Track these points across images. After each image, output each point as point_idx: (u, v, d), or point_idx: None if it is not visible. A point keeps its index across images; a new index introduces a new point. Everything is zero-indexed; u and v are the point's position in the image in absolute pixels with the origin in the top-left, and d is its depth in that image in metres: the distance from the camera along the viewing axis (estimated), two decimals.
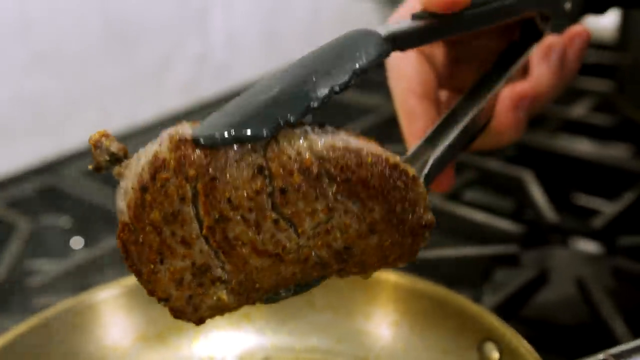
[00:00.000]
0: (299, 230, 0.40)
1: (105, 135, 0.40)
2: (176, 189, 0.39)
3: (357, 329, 0.59)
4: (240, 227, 0.39)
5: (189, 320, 0.43)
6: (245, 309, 0.60)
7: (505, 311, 0.62)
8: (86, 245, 0.85)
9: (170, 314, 0.43)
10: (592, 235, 0.77)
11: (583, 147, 0.92)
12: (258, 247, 0.40)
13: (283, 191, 0.39)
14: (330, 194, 0.39)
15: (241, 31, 1.15)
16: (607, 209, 0.80)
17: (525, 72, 0.59)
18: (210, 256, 0.40)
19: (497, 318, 0.53)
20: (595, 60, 1.09)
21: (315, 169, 0.39)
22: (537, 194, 0.81)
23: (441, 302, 0.56)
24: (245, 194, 0.39)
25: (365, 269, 0.42)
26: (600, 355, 0.48)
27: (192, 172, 0.38)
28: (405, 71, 0.57)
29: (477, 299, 0.65)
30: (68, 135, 0.97)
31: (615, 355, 0.48)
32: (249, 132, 0.38)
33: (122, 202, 0.40)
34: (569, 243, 0.77)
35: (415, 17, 0.47)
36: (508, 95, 0.57)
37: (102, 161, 0.40)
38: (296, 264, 0.41)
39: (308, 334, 0.60)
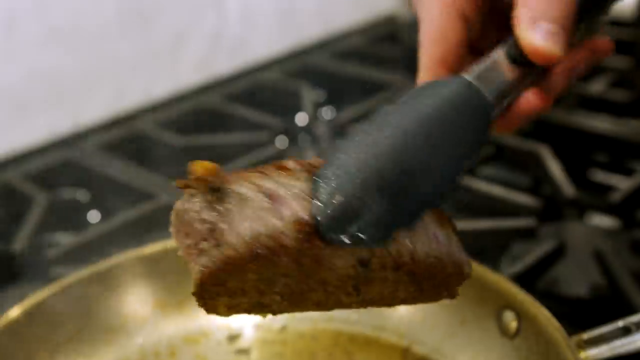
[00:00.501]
0: (360, 298, 0.43)
1: (213, 171, 0.39)
2: (285, 269, 0.40)
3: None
4: (318, 294, 0.42)
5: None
6: None
7: (522, 283, 0.62)
8: (103, 218, 0.85)
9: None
10: (609, 209, 0.76)
11: (601, 123, 0.91)
12: (320, 303, 0.43)
13: (370, 279, 0.42)
14: (403, 281, 0.43)
15: (256, 7, 1.15)
16: (625, 184, 0.80)
17: None
18: (276, 302, 0.42)
19: (515, 286, 0.53)
20: (614, 36, 1.08)
21: (405, 269, 0.42)
22: (555, 168, 0.80)
23: None
24: (337, 276, 0.41)
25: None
26: (620, 323, 0.48)
27: (307, 261, 0.40)
28: (437, 37, 0.53)
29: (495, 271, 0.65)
30: (84, 110, 0.97)
31: (636, 324, 0.48)
32: (373, 241, 0.40)
33: (209, 246, 0.39)
34: (586, 217, 0.77)
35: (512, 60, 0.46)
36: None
37: (193, 190, 0.39)
38: (337, 306, 0.44)
39: None
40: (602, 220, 0.76)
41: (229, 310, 0.42)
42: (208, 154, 0.91)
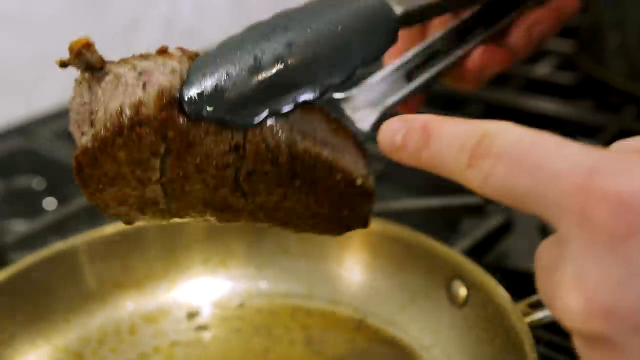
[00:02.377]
0: (250, 200, 0.42)
1: (87, 45, 0.39)
2: (151, 144, 0.39)
3: (331, 273, 0.61)
4: (198, 185, 0.41)
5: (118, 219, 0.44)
6: (222, 256, 0.63)
7: (471, 258, 0.64)
8: (59, 206, 0.85)
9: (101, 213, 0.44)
10: None
11: (547, 104, 0.94)
12: (207, 201, 0.42)
13: (250, 173, 0.41)
14: (291, 185, 0.42)
15: None
16: None
17: None
18: (160, 195, 0.42)
19: (464, 257, 0.56)
20: None
21: (286, 165, 0.41)
22: None
23: (411, 245, 0.58)
24: (214, 164, 0.40)
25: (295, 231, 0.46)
26: None
27: (171, 134, 0.39)
28: None
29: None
30: (39, 97, 0.97)
31: None
32: (237, 119, 0.40)
33: (86, 116, 0.40)
34: None
35: None
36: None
37: (74, 66, 0.40)
38: (234, 213, 0.43)
39: (283, 280, 0.62)
40: None
41: (118, 206, 0.42)
42: None
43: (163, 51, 0.41)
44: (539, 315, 0.49)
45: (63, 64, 0.40)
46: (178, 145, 0.39)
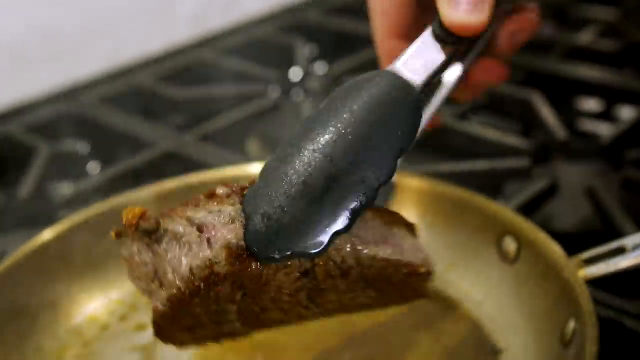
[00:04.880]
0: (320, 309, 0.45)
1: (142, 216, 0.40)
2: (228, 296, 0.41)
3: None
4: (274, 313, 0.44)
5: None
6: None
7: None
8: (103, 170, 0.87)
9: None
10: (599, 152, 0.79)
11: (590, 72, 0.93)
12: (284, 322, 0.45)
13: (321, 290, 0.43)
14: (359, 288, 0.45)
15: None
16: (613, 128, 0.83)
17: None
18: (237, 328, 0.44)
19: (515, 213, 0.56)
20: None
21: (354, 275, 0.43)
22: (546, 113, 0.83)
23: (461, 203, 0.59)
24: (287, 292, 0.42)
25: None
26: (615, 244, 0.51)
27: (247, 282, 0.41)
28: (387, 8, 0.56)
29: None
30: (84, 63, 0.98)
31: (632, 244, 0.50)
32: (307, 251, 0.41)
33: (154, 279, 0.41)
34: (577, 160, 0.79)
35: (439, 40, 0.46)
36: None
37: (130, 237, 0.41)
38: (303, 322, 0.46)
39: None
40: (594, 162, 0.78)
41: (197, 343, 0.45)
42: (203, 105, 0.93)
43: (212, 195, 0.42)
44: (592, 270, 0.49)
45: (118, 235, 0.41)
46: (253, 287, 0.41)
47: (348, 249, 0.43)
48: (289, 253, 0.41)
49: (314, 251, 0.41)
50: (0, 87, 0.93)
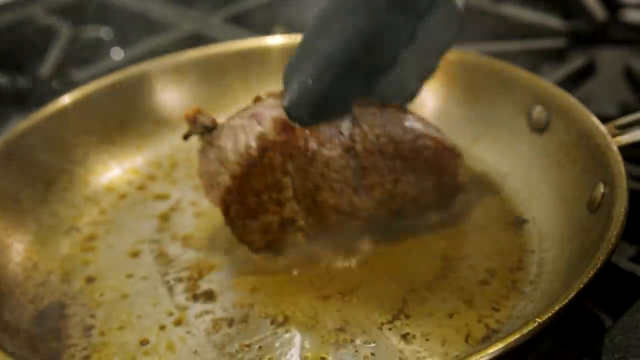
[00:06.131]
0: (369, 196, 0.48)
1: (199, 111, 0.47)
2: (280, 164, 0.46)
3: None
4: (327, 193, 0.47)
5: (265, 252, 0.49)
6: None
7: None
8: (126, 56, 0.85)
9: (251, 252, 0.49)
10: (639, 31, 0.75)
11: None
12: (339, 208, 0.48)
13: (364, 168, 0.47)
14: (398, 168, 0.48)
15: None
16: None
17: None
18: (297, 212, 0.48)
19: (545, 81, 0.53)
20: None
21: (391, 150, 0.47)
22: None
23: (488, 72, 0.56)
24: (335, 168, 0.47)
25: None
26: None
27: (294, 151, 0.46)
28: None
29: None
30: None
31: None
32: (334, 117, 0.46)
33: (220, 167, 0.46)
34: (615, 44, 0.75)
35: None
36: None
37: (195, 133, 0.47)
38: (362, 219, 0.49)
39: None
40: (631, 46, 0.75)
41: (264, 234, 0.48)
42: None
43: (258, 98, 0.48)
44: (627, 137, 0.47)
45: (186, 136, 0.48)
46: (302, 159, 0.46)
47: (379, 126, 0.47)
48: (316, 118, 0.46)
49: (339, 117, 0.47)
50: None
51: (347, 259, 0.49)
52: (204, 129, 0.47)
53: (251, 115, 0.46)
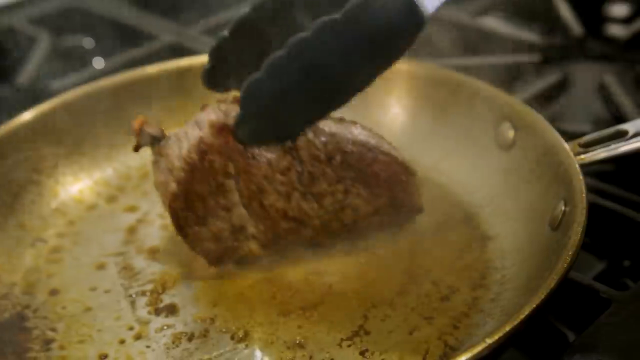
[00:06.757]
0: (319, 204, 0.48)
1: (145, 122, 0.48)
2: (221, 167, 0.46)
3: (376, 120, 0.59)
4: (273, 196, 0.47)
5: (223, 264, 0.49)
6: None
7: None
8: (107, 64, 0.85)
9: (208, 264, 0.49)
10: (614, 51, 0.75)
11: None
12: (287, 213, 0.48)
13: (311, 173, 0.47)
14: (348, 178, 0.48)
15: None
16: (629, 28, 0.79)
17: None
18: (246, 218, 0.48)
19: (512, 97, 0.53)
20: None
21: (339, 159, 0.47)
22: (565, 11, 0.79)
23: (457, 88, 0.56)
24: (278, 169, 0.47)
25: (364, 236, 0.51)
26: (616, 127, 0.48)
27: (234, 155, 0.46)
28: None
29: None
30: None
31: (634, 129, 0.48)
32: (282, 139, 0.46)
33: (168, 176, 0.46)
34: (591, 59, 0.75)
35: None
36: None
37: (144, 144, 0.48)
38: (313, 228, 0.49)
39: None
40: (609, 59, 0.75)
41: (217, 242, 0.48)
42: None
43: (204, 107, 0.48)
44: (589, 154, 0.47)
45: (136, 148, 0.48)
46: (242, 161, 0.46)
47: (328, 134, 0.47)
48: (261, 142, 0.46)
49: (288, 140, 0.47)
50: None
51: (310, 273, 0.49)
52: (152, 139, 0.48)
53: (195, 122, 0.47)
